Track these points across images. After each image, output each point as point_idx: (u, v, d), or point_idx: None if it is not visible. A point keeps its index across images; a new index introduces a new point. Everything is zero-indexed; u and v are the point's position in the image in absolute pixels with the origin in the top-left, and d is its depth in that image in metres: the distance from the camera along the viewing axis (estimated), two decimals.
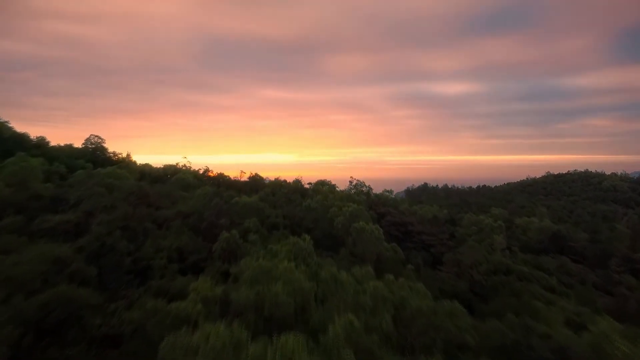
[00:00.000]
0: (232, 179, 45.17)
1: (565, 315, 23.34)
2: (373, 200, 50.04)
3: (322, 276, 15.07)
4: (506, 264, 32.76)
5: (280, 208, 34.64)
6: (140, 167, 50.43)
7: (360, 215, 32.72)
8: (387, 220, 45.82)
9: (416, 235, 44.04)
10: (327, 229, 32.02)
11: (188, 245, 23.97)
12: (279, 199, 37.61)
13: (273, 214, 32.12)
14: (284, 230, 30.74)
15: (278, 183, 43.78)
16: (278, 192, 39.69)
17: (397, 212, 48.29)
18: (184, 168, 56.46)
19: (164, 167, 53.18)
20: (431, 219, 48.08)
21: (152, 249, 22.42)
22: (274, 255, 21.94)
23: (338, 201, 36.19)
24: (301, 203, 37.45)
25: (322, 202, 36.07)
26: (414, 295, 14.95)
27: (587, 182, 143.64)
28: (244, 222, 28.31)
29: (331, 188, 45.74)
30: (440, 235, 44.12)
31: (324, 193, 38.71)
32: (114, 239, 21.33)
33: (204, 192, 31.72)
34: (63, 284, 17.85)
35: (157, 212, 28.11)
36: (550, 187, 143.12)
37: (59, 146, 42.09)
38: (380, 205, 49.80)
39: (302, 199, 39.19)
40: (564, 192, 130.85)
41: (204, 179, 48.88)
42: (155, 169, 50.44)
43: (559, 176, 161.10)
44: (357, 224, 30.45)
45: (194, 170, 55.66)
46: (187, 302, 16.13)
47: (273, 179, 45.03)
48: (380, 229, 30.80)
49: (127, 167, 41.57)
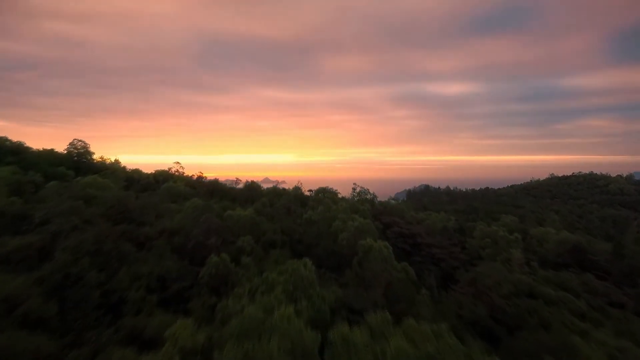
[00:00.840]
0: (227, 186, 41.95)
1: (607, 352, 20.26)
2: (378, 209, 46.86)
3: (330, 337, 11.88)
4: (529, 284, 29.55)
5: (279, 221, 31.44)
6: (129, 173, 47.23)
7: (367, 230, 29.55)
8: (394, 232, 42.65)
9: (425, 248, 40.84)
10: (331, 246, 28.83)
11: (171, 271, 20.76)
12: (277, 210, 34.42)
13: (270, 229, 28.91)
14: (282, 249, 27.56)
15: (276, 191, 40.56)
16: (276, 203, 36.50)
17: (404, 222, 45.11)
18: (177, 174, 53.31)
19: (154, 173, 49.99)
20: (441, 229, 44.90)
21: (127, 277, 19.21)
22: (269, 286, 18.79)
23: (342, 213, 33.00)
24: (301, 214, 34.26)
25: (324, 213, 32.90)
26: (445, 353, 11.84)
27: (593, 185, 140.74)
28: (238, 240, 25.12)
29: (333, 196, 42.53)
30: (451, 248, 40.97)
31: (326, 203, 35.52)
32: (82, 268, 18.14)
33: (194, 204, 28.49)
34: (11, 329, 14.72)
35: (139, 230, 24.89)
36: (556, 189, 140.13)
37: (38, 151, 38.81)
38: (386, 214, 46.63)
39: (302, 210, 36.00)
40: (570, 195, 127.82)
41: (197, 186, 45.69)
42: (145, 175, 47.22)
43: (564, 178, 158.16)
44: (364, 241, 27.26)
45: (187, 176, 52.51)
46: (161, 355, 13.03)
47: (271, 187, 41.83)
48: (389, 246, 27.64)
49: (113, 175, 38.34)
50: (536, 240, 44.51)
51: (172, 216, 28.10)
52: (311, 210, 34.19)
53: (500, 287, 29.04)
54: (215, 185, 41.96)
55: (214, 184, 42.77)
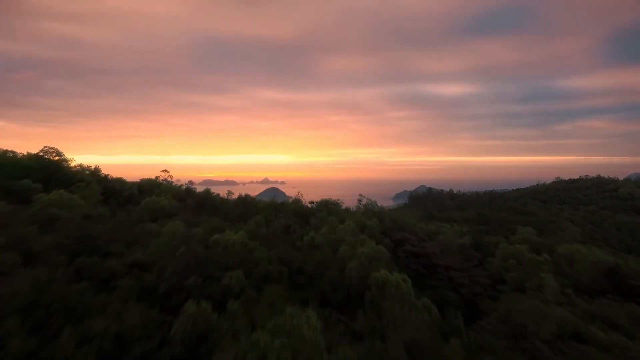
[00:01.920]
0: (218, 199, 37.16)
1: None
2: (387, 224, 42.20)
3: None
4: (574, 323, 24.90)
5: (276, 246, 26.76)
6: (111, 182, 42.47)
7: (379, 258, 24.93)
8: (406, 251, 37.98)
9: (442, 270, 36.11)
10: (337, 277, 24.14)
11: (135, 326, 16.05)
12: (274, 230, 29.75)
13: (265, 257, 24.20)
14: (279, 282, 22.87)
15: (273, 206, 35.89)
16: (273, 220, 31.86)
17: (416, 239, 40.45)
18: (165, 182, 48.58)
19: (140, 183, 45.24)
20: (458, 247, 40.25)
21: (73, 340, 14.52)
22: (261, 355, 14.17)
23: (349, 235, 28.36)
24: (302, 236, 29.59)
25: (328, 236, 28.28)
26: None
27: (602, 189, 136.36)
28: (224, 275, 20.45)
29: (338, 210, 37.82)
30: (471, 270, 36.36)
31: (331, 222, 30.83)
32: (7, 330, 13.49)
33: (173, 229, 23.77)
34: None
35: (102, 264, 20.19)
36: (564, 194, 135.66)
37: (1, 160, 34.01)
38: (396, 229, 42.04)
39: (302, 229, 31.35)
40: (580, 201, 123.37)
41: (186, 197, 40.94)
42: (129, 186, 42.46)
43: (571, 182, 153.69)
44: (378, 273, 22.63)
45: (175, 185, 47.78)
46: None
47: (268, 200, 37.19)
48: (407, 280, 23.06)
49: (88, 188, 33.61)
50: (565, 260, 40.00)
51: (148, 243, 23.39)
52: (313, 231, 29.53)
53: (541, 327, 24.54)
54: (206, 197, 37.27)
55: (205, 196, 38.09)
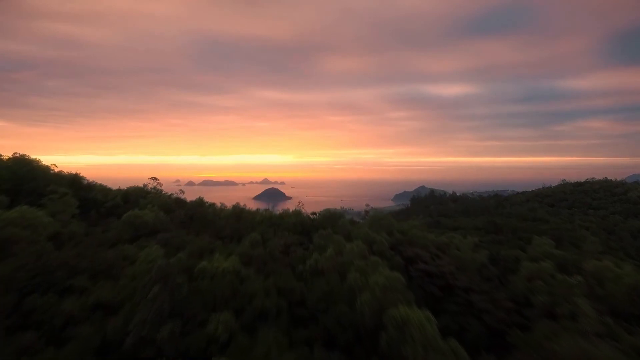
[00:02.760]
0: (210, 212, 33.25)
1: None
2: (397, 239, 38.39)
3: None
4: None
5: (273, 273, 22.94)
6: (93, 191, 38.63)
7: (396, 289, 21.13)
8: (419, 269, 34.11)
9: (461, 293, 32.24)
10: (346, 313, 20.33)
11: None
12: (272, 250, 25.93)
13: (260, 289, 20.36)
14: (277, 320, 19.05)
15: (272, 220, 31.94)
16: (271, 238, 28.06)
17: (428, 256, 36.65)
18: (154, 191, 44.76)
19: (125, 191, 41.39)
20: (474, 263, 36.41)
21: None
22: None
23: (358, 257, 24.55)
24: (304, 258, 25.78)
25: (333, 258, 24.50)
26: None
27: (611, 192, 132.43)
28: (210, 318, 16.65)
29: (343, 225, 33.98)
30: (493, 293, 32.58)
31: (336, 242, 26.98)
32: None
33: (151, 256, 19.93)
34: None
35: (59, 304, 16.37)
36: (571, 198, 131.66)
37: None
38: (406, 244, 38.22)
39: (304, 250, 27.52)
40: (589, 205, 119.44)
41: (175, 208, 37.11)
42: (113, 195, 38.62)
43: (578, 185, 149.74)
44: (396, 311, 18.84)
45: (164, 194, 43.96)
46: None
47: (266, 213, 33.34)
48: (432, 319, 19.27)
49: (62, 201, 29.79)
50: (595, 279, 36.25)
51: (120, 272, 19.58)
52: (316, 252, 25.71)
53: None
54: (196, 210, 33.38)
55: (196, 208, 34.19)
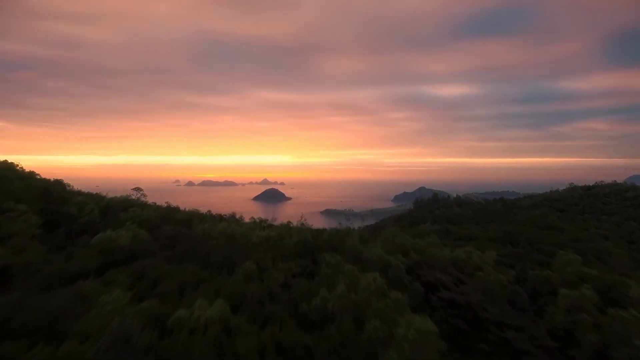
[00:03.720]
0: (200, 234, 28.37)
1: None
2: (413, 260, 33.68)
3: None
4: None
5: (270, 319, 18.23)
6: (66, 205, 33.87)
7: (429, 344, 16.51)
8: (442, 298, 29.35)
9: (493, 328, 27.44)
10: None
11: None
12: (270, 285, 21.24)
13: (254, 346, 15.68)
14: None
15: (270, 242, 27.13)
16: (269, 268, 23.37)
17: (451, 281, 31.92)
18: (139, 202, 40.04)
19: (107, 202, 36.63)
20: (506, 291, 31.66)
21: None
22: None
23: (376, 296, 19.84)
24: (308, 294, 21.09)
25: (346, 297, 19.83)
26: None
27: (622, 197, 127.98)
28: None
29: (353, 247, 29.21)
30: (532, 329, 27.91)
31: (349, 273, 22.23)
32: None
33: (109, 307, 15.22)
34: None
35: None
36: (582, 202, 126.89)
37: None
38: (425, 266, 33.53)
39: (309, 282, 22.78)
40: (602, 210, 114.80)
41: (160, 225, 32.36)
42: (90, 208, 33.82)
43: (587, 189, 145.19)
44: None
45: (151, 206, 39.24)
46: None
47: (264, 234, 28.61)
48: None
49: (20, 220, 25.01)
50: None
51: (65, 331, 14.85)
52: (324, 287, 20.99)
53: None
54: (179, 233, 28.33)
55: (184, 225, 29.31)
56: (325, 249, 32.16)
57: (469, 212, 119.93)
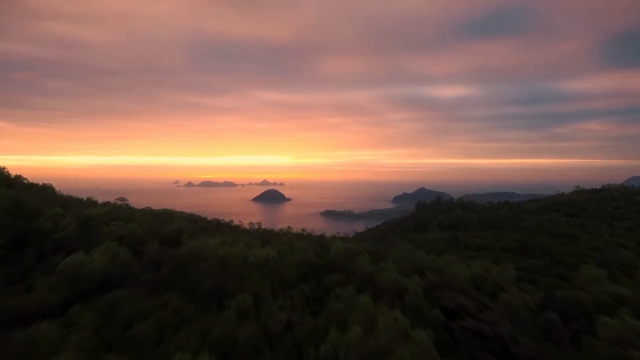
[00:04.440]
0: (189, 259, 24.51)
1: None
2: (431, 281, 30.00)
3: None
4: None
5: None
6: (41, 218, 30.15)
7: None
8: (466, 329, 25.72)
9: None
10: None
11: None
12: (270, 325, 17.60)
13: None
14: None
15: (269, 266, 23.38)
16: (267, 299, 19.70)
17: (474, 306, 28.27)
18: (126, 212, 36.34)
19: (85, 216, 32.82)
20: (543, 321, 27.97)
21: None
22: None
23: (398, 339, 16.24)
24: (315, 335, 17.46)
25: (362, 342, 16.16)
26: None
27: (632, 201, 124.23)
28: None
29: (365, 270, 25.43)
30: None
31: (362, 308, 18.56)
32: None
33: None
34: None
35: None
36: (590, 206, 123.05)
37: None
38: (444, 288, 29.90)
39: (316, 320, 19.12)
40: (612, 215, 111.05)
41: (145, 240, 28.67)
42: (66, 222, 30.07)
43: (594, 192, 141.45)
44: None
45: (137, 220, 35.50)
46: None
47: (261, 254, 25.00)
48: None
49: None
50: None
51: None
52: (334, 326, 17.37)
53: None
54: (165, 256, 24.49)
55: (166, 251, 25.42)
56: (332, 270, 28.53)
57: (475, 217, 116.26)
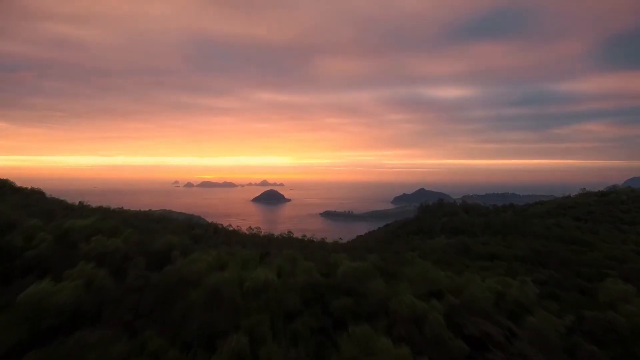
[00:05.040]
0: (178, 279, 21.27)
1: None
2: (451, 304, 26.63)
3: None
4: None
5: None
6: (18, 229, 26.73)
7: None
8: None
9: None
10: None
11: None
12: None
13: None
14: None
15: (268, 288, 20.06)
16: (266, 342, 16.42)
17: (501, 334, 25.02)
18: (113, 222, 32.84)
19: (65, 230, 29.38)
20: (584, 355, 24.75)
21: None
22: None
23: None
24: None
25: None
26: None
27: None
28: None
29: (380, 294, 22.24)
30: None
31: (384, 354, 15.22)
32: None
33: None
34: None
35: None
36: (598, 210, 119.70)
37: None
38: (465, 312, 26.52)
39: None
40: (621, 219, 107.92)
41: (130, 256, 25.30)
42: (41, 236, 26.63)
43: (602, 195, 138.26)
44: None
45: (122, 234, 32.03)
46: None
47: (260, 277, 21.72)
48: None
49: None
50: None
51: None
52: None
53: None
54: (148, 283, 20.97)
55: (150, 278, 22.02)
56: (339, 292, 25.30)
57: (480, 221, 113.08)
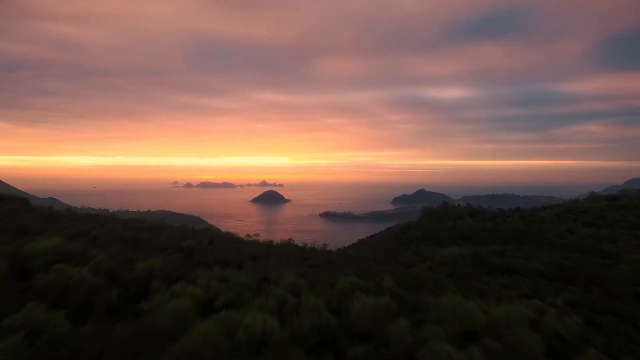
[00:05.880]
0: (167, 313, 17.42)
1: None
2: (488, 347, 21.97)
3: None
4: None
5: None
6: None
7: None
8: None
9: None
10: None
11: None
12: None
13: None
14: None
15: (269, 340, 16.30)
16: None
17: None
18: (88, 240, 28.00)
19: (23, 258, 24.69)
20: None
21: None
22: None
23: None
24: None
25: None
26: None
27: None
28: None
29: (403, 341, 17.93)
30: None
31: None
32: None
33: None
34: None
35: None
36: (609, 215, 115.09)
37: None
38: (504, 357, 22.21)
39: None
40: (635, 225, 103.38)
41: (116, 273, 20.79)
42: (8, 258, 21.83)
43: (612, 199, 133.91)
44: None
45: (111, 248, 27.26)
46: None
47: (259, 320, 17.64)
48: None
49: None
50: None
51: None
52: None
53: None
54: (112, 342, 16.69)
55: (112, 333, 18.09)
56: (354, 336, 20.83)
57: (488, 227, 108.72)
